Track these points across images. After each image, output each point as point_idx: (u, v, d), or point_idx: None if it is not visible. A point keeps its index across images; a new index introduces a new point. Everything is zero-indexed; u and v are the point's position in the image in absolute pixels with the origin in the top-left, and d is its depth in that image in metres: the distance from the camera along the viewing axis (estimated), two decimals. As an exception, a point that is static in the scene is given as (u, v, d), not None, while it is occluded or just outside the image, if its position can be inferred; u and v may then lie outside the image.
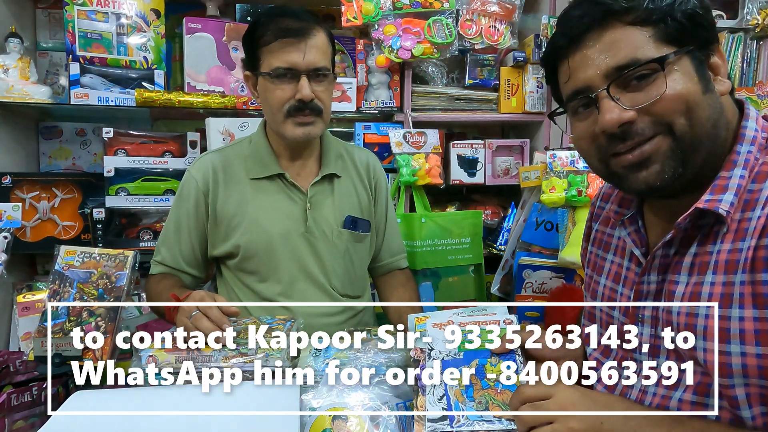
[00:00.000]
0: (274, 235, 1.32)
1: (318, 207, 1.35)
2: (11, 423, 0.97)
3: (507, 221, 2.09)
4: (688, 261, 0.75)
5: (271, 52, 1.23)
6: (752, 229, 0.69)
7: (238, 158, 1.37)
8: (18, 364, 1.11)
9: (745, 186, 0.72)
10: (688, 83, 0.71)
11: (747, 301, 0.68)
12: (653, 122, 0.72)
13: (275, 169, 1.34)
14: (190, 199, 1.34)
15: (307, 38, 1.22)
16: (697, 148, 0.72)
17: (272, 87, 1.24)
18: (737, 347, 0.68)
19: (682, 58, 0.72)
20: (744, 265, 0.69)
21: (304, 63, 1.22)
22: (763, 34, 1.96)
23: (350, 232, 1.38)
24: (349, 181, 1.42)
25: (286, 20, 1.22)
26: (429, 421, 0.80)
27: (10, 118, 1.91)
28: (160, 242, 1.38)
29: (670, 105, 0.71)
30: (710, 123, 0.72)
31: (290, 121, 1.26)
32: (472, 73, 2.08)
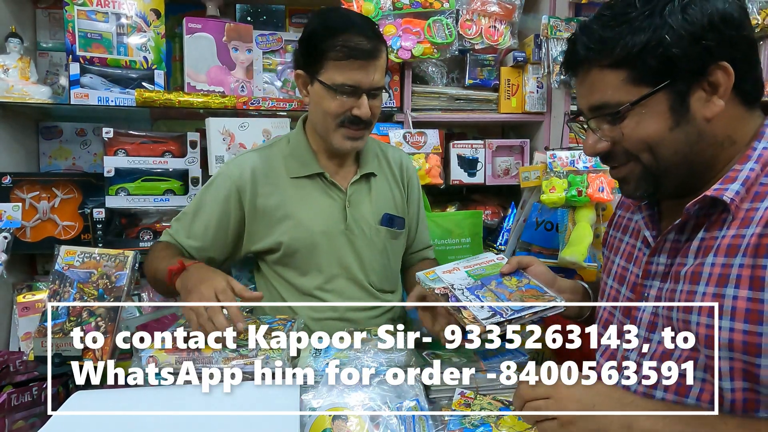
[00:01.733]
0: (315, 232, 1.34)
1: (356, 205, 1.38)
2: (11, 423, 0.97)
3: (507, 221, 2.09)
4: (695, 245, 0.81)
5: (339, 68, 1.23)
6: (758, 218, 0.74)
7: (277, 157, 1.39)
8: (18, 364, 1.11)
9: (756, 178, 0.77)
10: (652, 124, 0.78)
11: (744, 282, 0.73)
12: (624, 152, 0.83)
13: (315, 168, 1.36)
14: (221, 189, 1.35)
15: (376, 60, 1.25)
16: (665, 175, 0.82)
17: (330, 97, 1.26)
18: (727, 323, 0.74)
19: (655, 97, 0.77)
20: (746, 249, 0.74)
21: (368, 83, 1.25)
22: (763, 34, 1.96)
23: (387, 230, 1.41)
24: (385, 179, 1.45)
25: (358, 38, 1.22)
26: (483, 320, 0.89)
27: (10, 118, 1.91)
28: (176, 218, 1.39)
29: (633, 144, 0.81)
30: (679, 155, 0.79)
31: (341, 132, 1.29)
32: (472, 73, 2.08)
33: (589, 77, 0.83)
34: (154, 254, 1.32)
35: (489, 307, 0.93)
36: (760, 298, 0.71)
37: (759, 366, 0.72)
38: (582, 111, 0.87)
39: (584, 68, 0.83)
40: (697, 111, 0.78)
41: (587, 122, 0.85)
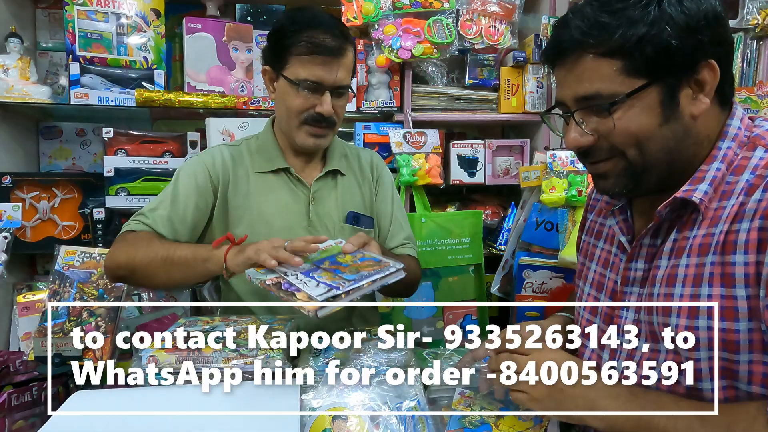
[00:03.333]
0: (276, 228, 1.32)
1: (321, 202, 1.37)
2: (11, 423, 0.97)
3: (507, 221, 2.09)
4: (668, 246, 0.81)
5: (302, 63, 1.23)
6: (725, 216, 0.75)
7: (246, 152, 1.38)
8: (18, 364, 1.11)
9: (722, 178, 0.78)
10: (643, 118, 0.76)
11: (716, 280, 0.74)
12: (609, 147, 0.80)
13: (281, 164, 1.35)
14: (197, 176, 1.30)
15: (340, 57, 1.24)
16: (648, 171, 0.80)
17: (294, 93, 1.26)
18: (704, 322, 0.74)
19: (648, 90, 0.75)
20: (715, 247, 0.74)
21: (331, 80, 1.24)
22: (763, 34, 1.96)
23: (352, 228, 1.39)
24: (353, 179, 1.44)
25: (323, 34, 1.22)
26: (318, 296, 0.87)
27: (10, 118, 1.91)
28: (149, 209, 1.27)
29: (621, 139, 0.78)
30: (664, 152, 0.78)
31: (304, 129, 1.29)
32: (472, 73, 2.08)
33: (579, 65, 0.78)
34: (141, 243, 1.21)
35: (324, 284, 0.91)
36: (733, 295, 0.72)
37: (738, 362, 0.73)
38: (565, 102, 0.82)
39: (575, 55, 0.78)
40: (685, 108, 0.77)
41: (572, 114, 0.81)
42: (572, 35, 0.77)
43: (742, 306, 0.71)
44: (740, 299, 0.71)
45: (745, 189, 0.75)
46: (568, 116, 0.82)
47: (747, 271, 0.71)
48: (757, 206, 0.72)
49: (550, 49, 0.82)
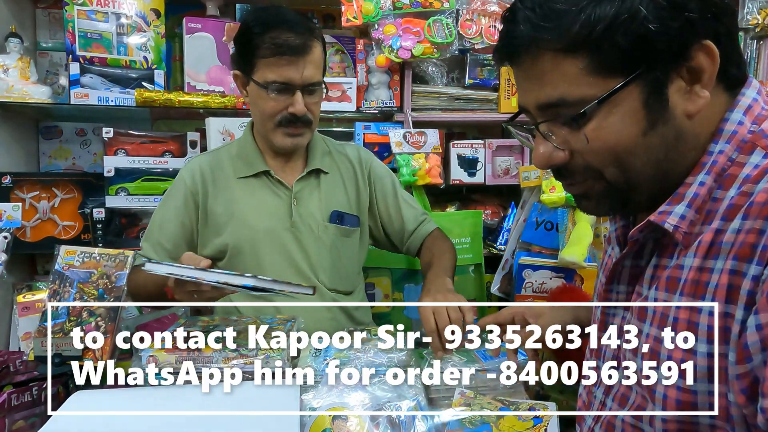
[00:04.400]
0: (259, 231, 1.33)
1: (303, 202, 1.37)
2: (11, 423, 0.97)
3: (507, 221, 2.09)
4: (649, 273, 0.69)
5: (268, 66, 1.23)
6: (696, 245, 0.61)
7: (226, 159, 1.39)
8: (18, 364, 1.11)
9: (708, 194, 0.62)
10: (621, 128, 0.61)
11: (681, 327, 0.61)
12: (583, 166, 0.65)
13: (261, 167, 1.36)
14: (178, 198, 1.35)
15: (305, 55, 1.23)
16: (634, 189, 0.65)
17: (265, 97, 1.26)
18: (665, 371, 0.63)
19: (626, 91, 0.60)
20: (683, 286, 0.62)
21: (300, 79, 1.24)
22: (763, 33, 1.96)
23: (336, 227, 1.39)
24: (338, 177, 1.43)
25: (284, 34, 1.21)
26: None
27: (10, 118, 1.91)
28: (144, 239, 1.38)
29: (596, 155, 0.63)
30: (651, 166, 0.63)
31: (280, 131, 1.29)
32: (472, 72, 2.08)
33: (537, 66, 0.62)
34: (138, 282, 1.28)
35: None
36: (694, 350, 0.60)
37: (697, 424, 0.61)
38: (527, 109, 0.67)
39: (530, 54, 0.62)
40: (677, 105, 0.61)
41: (536, 125, 0.65)
42: (522, 30, 0.61)
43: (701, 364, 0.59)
44: (700, 356, 0.60)
45: (725, 212, 0.60)
46: (532, 129, 0.67)
47: (710, 323, 0.58)
48: (733, 239, 0.57)
49: (500, 48, 0.66)
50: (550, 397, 1.42)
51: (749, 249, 0.55)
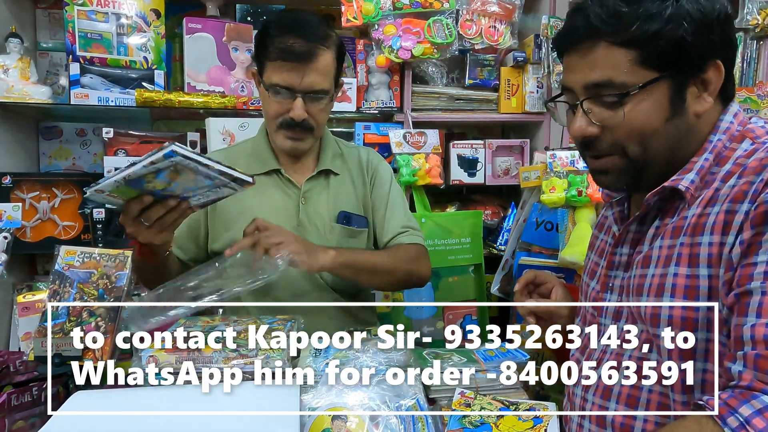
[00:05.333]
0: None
1: (312, 202, 1.37)
2: (11, 423, 0.97)
3: (507, 221, 2.09)
4: (651, 232, 0.83)
5: (273, 69, 1.25)
6: (699, 200, 0.77)
7: (239, 156, 1.40)
8: (18, 365, 1.11)
9: (709, 168, 0.79)
10: (651, 113, 0.77)
11: (683, 260, 0.76)
12: (611, 143, 0.80)
13: (272, 165, 1.37)
14: None
15: (309, 62, 1.23)
16: (648, 168, 0.81)
17: (269, 98, 1.27)
18: (668, 300, 0.77)
19: (659, 84, 0.76)
20: (686, 229, 0.77)
21: (301, 85, 1.24)
22: (763, 34, 1.96)
23: (343, 227, 1.39)
24: (348, 178, 1.43)
25: (293, 39, 1.22)
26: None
27: (10, 118, 1.91)
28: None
29: (625, 133, 0.78)
30: (665, 148, 0.79)
31: (281, 133, 1.30)
32: (472, 73, 2.08)
33: (593, 52, 0.78)
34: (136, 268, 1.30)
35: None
36: (696, 274, 0.74)
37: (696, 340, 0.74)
38: (573, 89, 0.82)
39: (590, 41, 0.78)
40: (690, 105, 0.78)
41: (580, 102, 0.81)
42: (590, 22, 0.77)
43: (703, 285, 0.74)
44: (702, 278, 0.74)
45: (722, 177, 0.77)
46: (576, 104, 0.82)
47: (710, 251, 0.73)
48: (729, 191, 0.74)
49: (564, 34, 0.83)
50: (550, 397, 1.42)
51: (742, 194, 0.72)
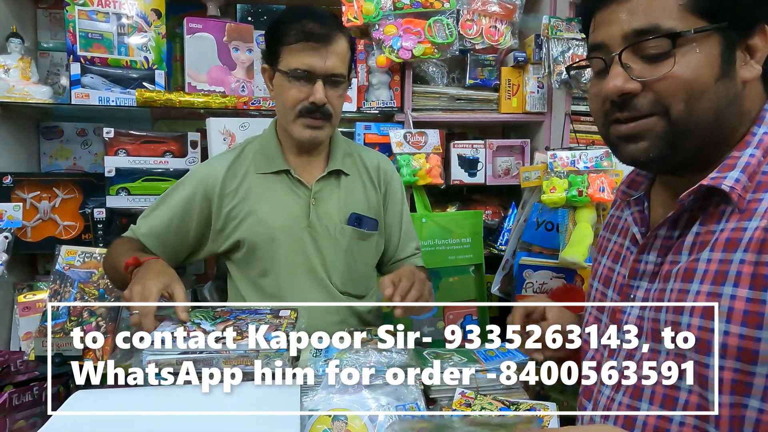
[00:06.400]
0: (276, 229, 1.33)
1: (322, 203, 1.36)
2: (12, 422, 0.97)
3: (507, 221, 2.09)
4: (689, 240, 0.73)
5: (292, 53, 1.24)
6: (763, 210, 0.67)
7: (248, 155, 1.39)
8: (19, 364, 1.11)
9: (758, 165, 0.70)
10: (701, 67, 0.68)
11: (744, 281, 0.65)
12: (653, 101, 0.70)
13: (281, 165, 1.35)
14: (188, 188, 1.34)
15: (329, 44, 1.24)
16: (690, 135, 0.70)
17: (288, 86, 1.26)
18: (722, 325, 0.66)
19: (709, 36, 0.67)
20: (747, 244, 0.66)
21: (322, 68, 1.24)
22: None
23: (354, 229, 1.38)
24: (358, 179, 1.42)
25: (311, 23, 1.24)
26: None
27: (11, 118, 1.91)
28: (144, 214, 1.35)
29: (671, 88, 0.68)
30: (712, 113, 0.69)
31: (300, 122, 1.29)
32: (473, 73, 2.08)
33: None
34: (114, 249, 1.29)
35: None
36: (761, 299, 0.64)
37: (753, 374, 0.65)
38: (608, 44, 0.72)
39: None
40: (738, 68, 0.70)
41: (618, 53, 0.70)
42: None
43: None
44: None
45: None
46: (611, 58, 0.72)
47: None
48: None
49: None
50: (550, 397, 1.42)
51: None
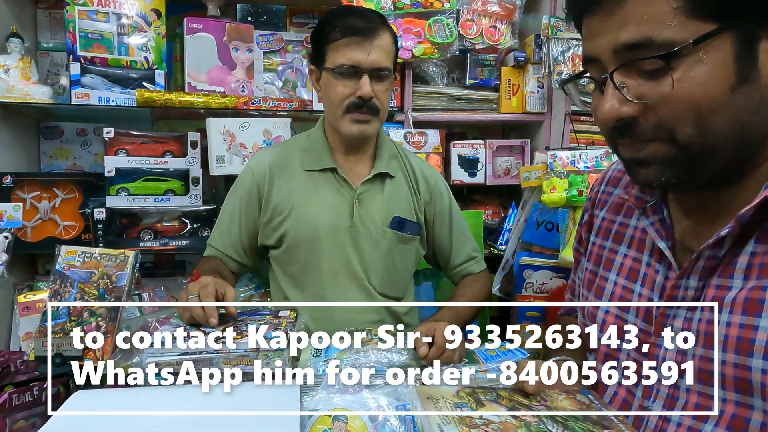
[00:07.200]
0: (319, 226, 1.35)
1: (366, 204, 1.38)
2: (12, 423, 0.97)
3: (507, 221, 2.09)
4: (743, 261, 0.61)
5: (337, 49, 1.27)
6: None
7: (295, 151, 1.41)
8: (19, 364, 1.11)
9: None
10: (709, 80, 0.56)
11: None
12: (655, 125, 0.59)
13: (329, 163, 1.37)
14: (244, 188, 1.40)
15: (373, 38, 1.26)
16: (708, 156, 0.59)
17: (335, 82, 1.28)
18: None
19: (720, 39, 0.55)
20: None
21: (367, 62, 1.26)
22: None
23: (395, 233, 1.39)
24: (403, 181, 1.44)
25: (355, 19, 1.26)
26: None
27: (11, 118, 1.91)
28: (215, 227, 1.44)
29: (674, 110, 0.57)
30: (732, 127, 0.57)
31: (348, 117, 1.31)
32: (473, 73, 2.08)
33: (623, 3, 0.57)
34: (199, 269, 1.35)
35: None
36: None
37: None
38: (600, 57, 0.61)
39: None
40: (764, 65, 0.56)
41: (609, 73, 0.59)
42: None
43: None
44: None
45: None
46: (603, 78, 0.61)
47: None
48: None
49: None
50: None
51: None
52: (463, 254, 1.52)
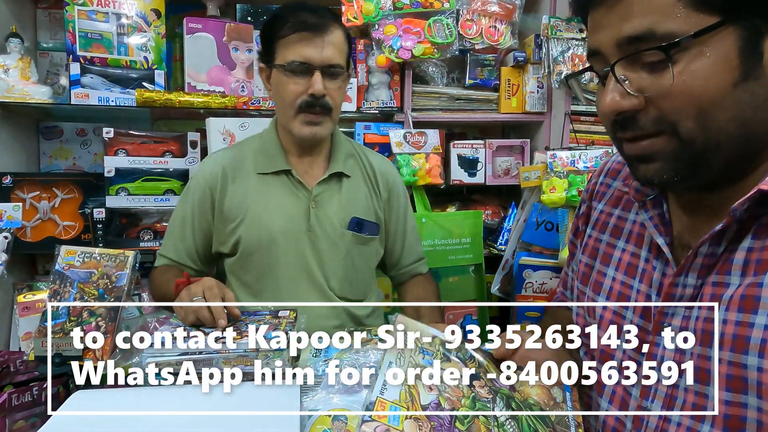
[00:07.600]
0: (275, 231, 1.31)
1: (323, 206, 1.34)
2: (12, 423, 0.97)
3: (507, 221, 2.09)
4: (740, 257, 0.60)
5: (288, 46, 1.23)
6: None
7: (248, 153, 1.38)
8: (18, 364, 1.11)
9: None
10: (712, 75, 0.55)
11: None
12: (657, 118, 0.58)
13: (282, 165, 1.33)
14: (195, 194, 1.35)
15: (324, 34, 1.23)
16: (711, 152, 0.58)
17: (285, 80, 1.25)
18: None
19: (723, 32, 0.54)
20: None
21: (319, 58, 1.23)
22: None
23: (354, 234, 1.36)
24: (360, 180, 1.40)
25: (306, 14, 1.23)
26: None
27: (10, 118, 1.91)
28: (166, 236, 1.40)
29: (675, 104, 0.57)
30: (735, 124, 0.57)
31: (299, 118, 1.27)
32: (473, 73, 2.08)
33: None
34: (155, 283, 1.35)
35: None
36: None
37: None
38: (602, 50, 0.61)
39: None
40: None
41: (611, 66, 0.59)
42: None
43: None
44: None
45: None
46: (606, 71, 0.61)
47: None
48: None
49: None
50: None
51: None
52: (414, 254, 1.50)
